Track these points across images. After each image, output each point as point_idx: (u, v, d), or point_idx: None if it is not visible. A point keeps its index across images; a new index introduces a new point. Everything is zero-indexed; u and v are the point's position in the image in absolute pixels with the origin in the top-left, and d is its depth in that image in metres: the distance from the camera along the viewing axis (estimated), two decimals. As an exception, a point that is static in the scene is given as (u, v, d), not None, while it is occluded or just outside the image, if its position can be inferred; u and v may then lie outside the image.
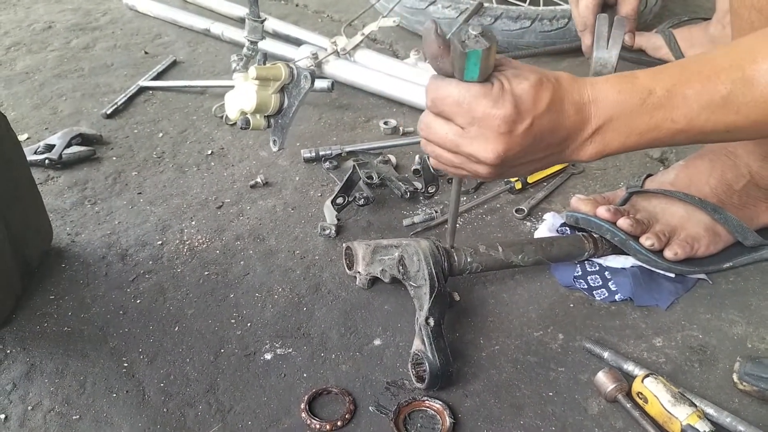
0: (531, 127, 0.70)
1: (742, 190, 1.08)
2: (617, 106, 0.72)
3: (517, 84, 0.69)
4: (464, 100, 0.69)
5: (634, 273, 1.06)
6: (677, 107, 0.71)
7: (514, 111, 0.68)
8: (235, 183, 1.35)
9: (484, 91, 0.68)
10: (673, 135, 0.73)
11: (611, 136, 0.73)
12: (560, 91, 0.72)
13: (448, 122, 0.72)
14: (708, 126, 0.71)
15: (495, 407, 0.88)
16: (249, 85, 1.15)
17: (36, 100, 1.69)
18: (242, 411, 0.88)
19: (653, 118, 0.71)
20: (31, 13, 2.24)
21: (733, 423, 0.83)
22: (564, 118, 0.72)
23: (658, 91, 0.71)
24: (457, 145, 0.72)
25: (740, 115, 0.70)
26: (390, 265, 1.00)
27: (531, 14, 1.78)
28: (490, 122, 0.69)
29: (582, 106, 0.72)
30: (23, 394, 0.91)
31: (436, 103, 0.71)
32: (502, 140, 0.70)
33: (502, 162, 0.72)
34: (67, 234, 1.21)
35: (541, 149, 0.73)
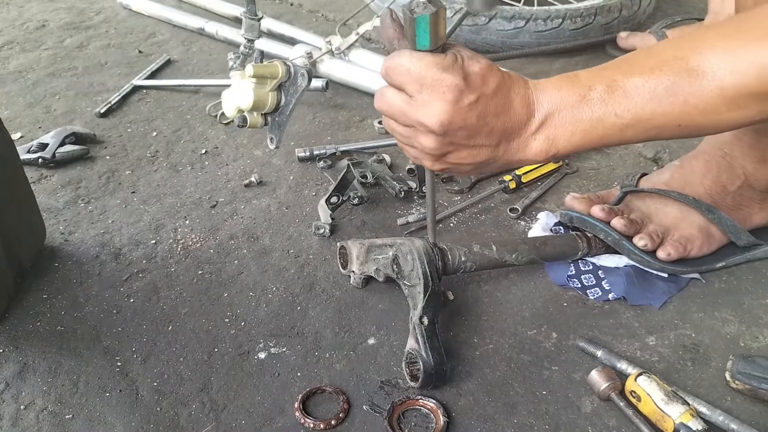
0: (476, 102, 0.70)
1: (736, 192, 1.09)
2: (559, 102, 0.72)
3: (470, 62, 0.71)
4: (415, 68, 0.70)
5: (628, 272, 1.06)
6: (619, 101, 0.70)
7: (463, 82, 0.69)
8: (229, 182, 1.35)
9: (436, 61, 0.69)
10: (621, 130, 0.72)
11: (555, 132, 0.73)
12: (508, 81, 0.73)
13: (400, 92, 0.72)
14: (656, 120, 0.71)
15: (489, 406, 0.88)
16: (246, 83, 1.14)
17: (29, 98, 1.68)
18: (236, 410, 0.88)
19: (595, 113, 0.71)
20: (25, 12, 2.23)
21: (725, 421, 0.83)
22: (510, 107, 0.72)
23: (598, 87, 0.71)
24: (405, 112, 0.72)
25: (688, 106, 0.69)
26: (384, 264, 1.00)
27: (525, 14, 1.78)
28: (438, 88, 0.69)
29: (527, 100, 0.73)
30: (16, 393, 0.91)
31: (389, 72, 0.72)
32: (447, 107, 0.70)
33: (448, 131, 0.71)
34: (61, 233, 1.21)
35: (486, 134, 0.73)
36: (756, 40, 0.66)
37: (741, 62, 0.67)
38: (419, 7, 0.67)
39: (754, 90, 0.67)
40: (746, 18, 0.69)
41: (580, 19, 1.80)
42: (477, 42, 1.84)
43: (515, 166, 0.81)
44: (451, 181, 1.34)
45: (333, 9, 2.23)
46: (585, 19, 1.81)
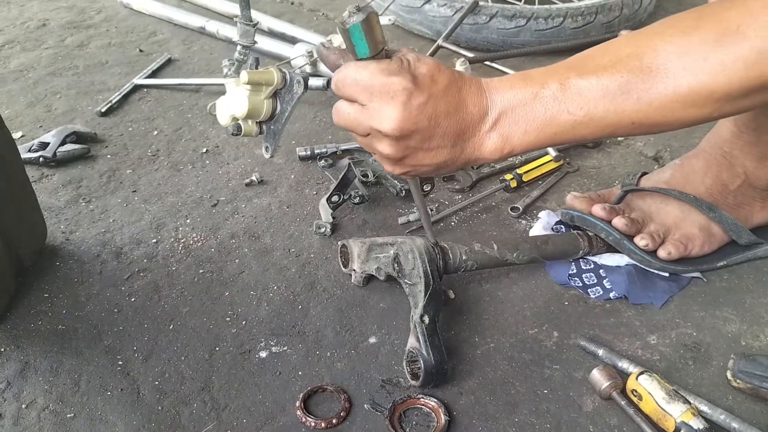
0: (427, 103, 0.70)
1: (737, 190, 1.09)
2: (511, 100, 0.72)
3: (417, 63, 0.71)
4: (361, 77, 0.70)
5: (629, 271, 1.06)
6: (572, 99, 0.70)
7: (412, 84, 0.69)
8: (230, 181, 1.35)
9: (381, 67, 0.70)
10: (575, 128, 0.72)
11: (509, 131, 0.73)
12: (459, 81, 0.73)
13: (352, 103, 0.73)
14: (609, 118, 0.70)
15: (490, 405, 0.88)
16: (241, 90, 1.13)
17: (30, 98, 1.68)
18: (237, 409, 0.88)
19: (548, 111, 0.71)
20: (25, 11, 2.23)
21: (726, 420, 0.83)
22: (461, 106, 0.72)
23: (551, 85, 0.71)
24: (360, 122, 0.73)
25: (642, 104, 0.68)
26: (385, 262, 1.00)
27: (526, 13, 1.78)
28: (387, 93, 0.70)
29: (480, 99, 0.73)
30: (17, 392, 0.91)
31: (338, 86, 0.73)
32: (399, 110, 0.70)
33: (402, 136, 0.72)
34: (62, 232, 1.21)
35: (440, 135, 0.73)
36: (714, 37, 0.65)
37: (697, 61, 0.66)
38: (350, 17, 0.67)
39: (709, 89, 0.66)
40: (708, 12, 0.67)
41: (581, 17, 1.80)
42: (478, 41, 1.84)
43: (474, 164, 0.81)
44: (452, 180, 1.33)
45: (334, 8, 2.23)
46: (586, 18, 1.81)
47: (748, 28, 0.63)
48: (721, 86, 0.65)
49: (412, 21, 1.94)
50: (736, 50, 0.64)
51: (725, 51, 0.65)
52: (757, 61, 0.64)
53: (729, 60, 0.64)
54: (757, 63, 0.64)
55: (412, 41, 1.92)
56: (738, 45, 0.64)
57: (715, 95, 0.66)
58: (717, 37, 0.65)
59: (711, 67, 0.65)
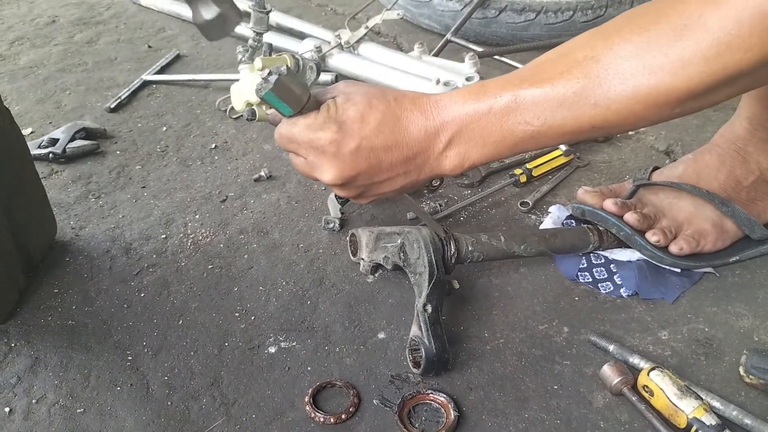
0: (359, 148, 0.72)
1: (750, 186, 1.08)
2: (465, 117, 0.71)
3: (344, 110, 0.72)
4: (293, 135, 0.74)
5: (640, 266, 1.05)
6: (527, 109, 0.68)
7: (338, 134, 0.71)
8: (238, 177, 1.35)
9: (308, 122, 0.73)
10: (534, 137, 0.70)
11: (466, 147, 0.72)
12: (396, 111, 0.72)
13: (297, 156, 0.77)
14: (568, 125, 0.68)
15: (500, 400, 0.88)
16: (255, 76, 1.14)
17: (40, 94, 1.69)
18: (246, 404, 0.88)
19: (505, 124, 0.70)
20: (35, 8, 2.24)
21: (739, 416, 0.82)
22: (402, 136, 0.72)
23: (505, 97, 0.69)
24: (308, 173, 0.77)
25: (601, 108, 0.65)
26: (392, 252, 0.99)
27: (536, 6, 1.77)
28: (318, 147, 0.73)
29: (425, 122, 0.72)
30: (27, 388, 0.91)
31: (280, 143, 0.78)
32: (333, 163, 0.73)
33: (346, 182, 0.75)
34: (71, 228, 1.22)
35: (386, 168, 0.74)
36: (673, 32, 0.61)
37: (656, 58, 0.62)
38: (263, 85, 0.71)
39: (669, 88, 0.62)
40: (668, 3, 0.63)
41: (591, 11, 1.79)
42: (487, 35, 1.83)
43: (440, 177, 0.82)
44: (461, 175, 1.32)
45: (342, 3, 2.22)
46: (596, 11, 1.79)
47: (709, 18, 0.59)
48: (681, 83, 0.62)
49: (420, 15, 1.93)
50: (695, 44, 0.60)
51: (684, 46, 0.61)
52: (718, 54, 0.60)
53: (688, 55, 0.60)
54: (718, 56, 0.60)
55: (421, 36, 1.91)
56: (697, 38, 0.60)
57: (675, 93, 0.63)
58: (676, 31, 0.61)
59: (670, 64, 0.61)
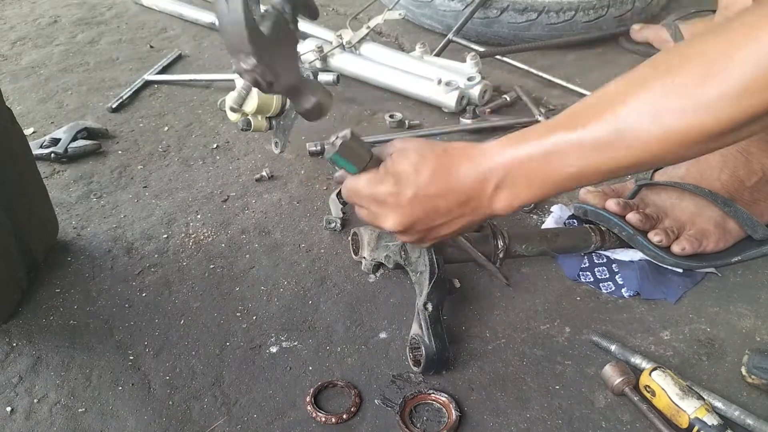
0: (416, 196, 0.78)
1: (753, 187, 1.07)
2: (508, 163, 0.76)
3: (399, 163, 0.79)
4: (358, 189, 0.82)
5: (642, 266, 1.05)
6: (566, 153, 0.72)
7: (396, 186, 0.79)
8: (240, 176, 1.35)
9: (369, 177, 0.81)
10: (575, 178, 0.74)
11: (514, 189, 0.77)
12: (447, 162, 0.79)
13: (361, 207, 0.85)
14: (606, 165, 0.71)
15: (501, 400, 0.88)
16: None
17: (42, 94, 1.69)
18: (248, 404, 0.88)
19: (549, 166, 0.74)
20: (37, 8, 2.24)
21: (741, 416, 0.82)
22: (454, 183, 0.78)
23: (543, 143, 0.73)
24: (372, 222, 0.84)
25: (635, 149, 0.69)
26: (394, 251, 1.00)
27: (538, 6, 1.77)
28: (379, 199, 0.80)
29: (475, 168, 0.77)
30: (29, 387, 0.91)
31: (346, 197, 0.85)
32: (393, 212, 0.80)
33: (407, 229, 0.81)
34: (73, 227, 1.22)
35: (443, 213, 0.80)
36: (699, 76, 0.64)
37: (684, 101, 0.64)
38: (330, 147, 0.81)
39: (700, 129, 0.65)
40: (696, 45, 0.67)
41: (593, 11, 1.79)
42: (488, 35, 1.83)
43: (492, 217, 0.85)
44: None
45: (343, 3, 2.22)
46: (598, 11, 1.79)
47: (731, 61, 0.62)
48: (710, 125, 0.64)
49: (422, 15, 1.93)
50: (721, 87, 0.62)
51: (710, 87, 0.63)
52: (744, 94, 0.62)
53: (714, 98, 0.63)
54: (744, 96, 0.62)
55: (423, 36, 1.91)
56: (723, 81, 0.62)
57: (706, 132, 0.65)
58: (701, 73, 0.64)
59: (699, 106, 0.64)
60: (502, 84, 1.64)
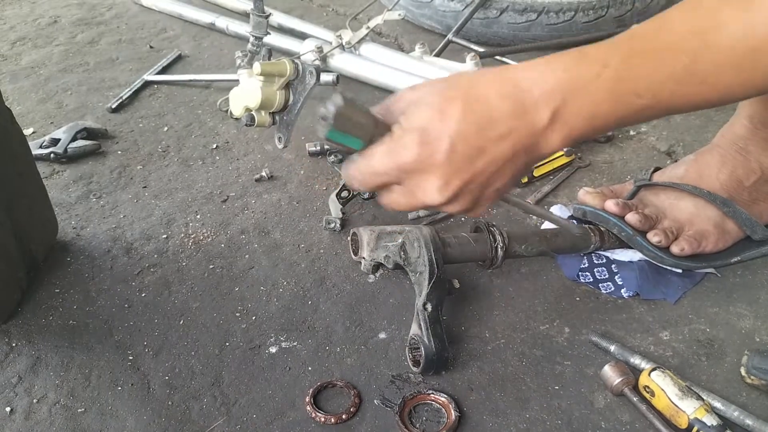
0: (453, 147, 0.62)
1: (752, 186, 1.07)
2: (568, 84, 0.62)
3: (418, 115, 0.63)
4: (374, 167, 0.64)
5: (641, 267, 1.05)
6: (638, 80, 0.62)
7: (423, 145, 0.62)
8: (240, 177, 1.35)
9: (384, 148, 0.63)
10: (642, 111, 0.64)
11: (573, 120, 0.64)
12: (476, 92, 0.63)
13: (389, 190, 0.67)
14: (675, 99, 0.63)
15: (500, 401, 0.88)
16: (254, 81, 1.14)
17: (41, 94, 1.69)
18: (247, 404, 0.88)
19: (614, 93, 0.62)
20: (37, 8, 2.24)
21: (740, 417, 0.82)
22: (498, 115, 0.63)
23: (613, 63, 0.62)
24: (410, 204, 0.67)
25: (706, 86, 0.62)
26: (393, 251, 0.99)
27: (537, 7, 1.77)
28: (407, 167, 0.63)
29: (522, 96, 0.63)
30: (28, 387, 0.91)
31: (364, 183, 0.67)
32: (433, 176, 0.63)
33: (457, 193, 0.65)
34: (73, 228, 1.22)
35: (491, 159, 0.64)
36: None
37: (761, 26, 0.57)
38: (323, 123, 0.61)
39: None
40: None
41: (592, 11, 1.79)
42: (488, 35, 1.83)
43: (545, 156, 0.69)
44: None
45: (343, 3, 2.23)
46: (597, 12, 1.79)
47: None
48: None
49: (422, 16, 1.93)
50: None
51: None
52: None
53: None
54: None
55: (422, 36, 1.91)
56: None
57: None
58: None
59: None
60: (501, 84, 1.64)
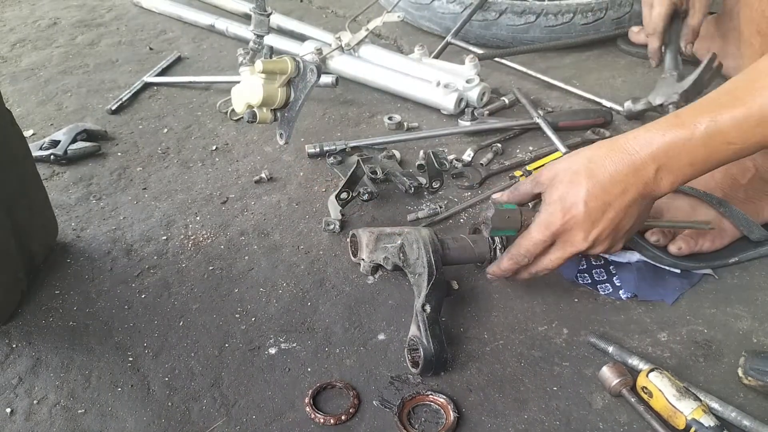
0: (587, 206, 0.83)
1: (747, 185, 1.08)
2: (667, 148, 0.80)
3: (555, 190, 0.85)
4: (533, 241, 0.87)
5: (639, 268, 1.06)
6: (728, 131, 0.76)
7: (565, 211, 0.83)
8: (239, 178, 1.36)
9: (535, 226, 0.87)
10: (737, 153, 0.78)
11: (676, 169, 0.81)
12: (598, 163, 0.83)
13: (545, 255, 0.89)
14: (766, 141, 0.76)
15: (499, 401, 0.88)
16: (255, 78, 1.15)
17: (41, 96, 1.69)
18: (247, 405, 0.88)
19: (708, 146, 0.78)
20: (37, 10, 2.25)
21: (738, 418, 0.83)
22: (616, 176, 0.82)
23: (703, 123, 0.77)
24: (563, 257, 0.89)
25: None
26: (392, 252, 1.00)
27: (536, 9, 1.77)
28: (556, 230, 0.85)
29: (632, 159, 0.82)
30: (29, 388, 0.91)
31: (529, 253, 0.89)
32: (576, 230, 0.85)
33: (597, 239, 0.86)
34: (73, 229, 1.22)
35: (617, 208, 0.84)
36: None
37: None
38: (484, 227, 0.91)
39: None
40: None
41: (591, 13, 1.79)
42: (487, 37, 1.83)
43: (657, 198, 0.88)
44: (461, 177, 1.33)
45: (343, 5, 2.23)
46: (596, 14, 1.80)
47: None
48: None
49: (421, 18, 1.94)
50: None
51: None
52: None
53: None
54: None
55: (421, 38, 1.91)
56: None
57: None
58: None
59: None
60: (500, 86, 1.65)
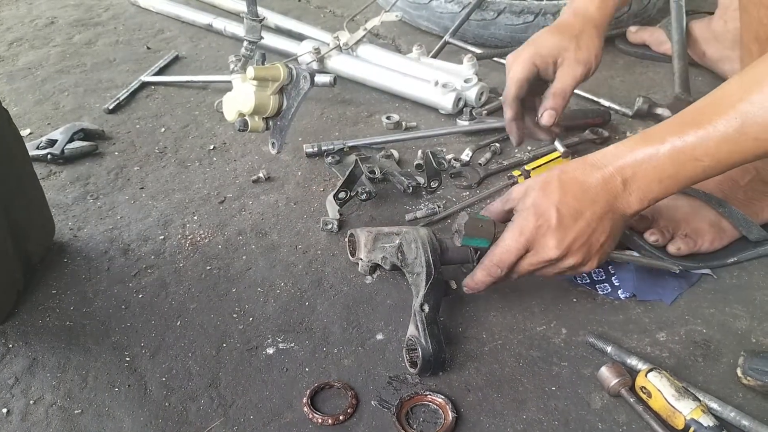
0: (560, 213, 0.83)
1: (747, 186, 1.08)
2: (634, 163, 0.82)
3: (528, 199, 0.86)
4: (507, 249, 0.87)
5: (638, 267, 1.05)
6: (694, 148, 0.77)
7: (538, 217, 0.84)
8: (237, 178, 1.35)
9: (508, 235, 0.87)
10: (705, 171, 0.79)
11: (645, 185, 0.82)
12: (570, 175, 0.85)
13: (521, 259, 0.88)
14: (734, 157, 0.76)
15: (497, 402, 0.88)
16: (247, 86, 1.13)
17: (38, 95, 1.69)
18: (244, 405, 0.88)
19: (676, 162, 0.79)
20: (34, 9, 2.24)
21: (737, 417, 0.83)
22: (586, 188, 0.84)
23: (669, 139, 0.79)
24: (538, 263, 0.87)
25: (762, 141, 0.73)
26: (390, 252, 1.00)
27: (534, 9, 1.77)
28: (530, 238, 0.85)
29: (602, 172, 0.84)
30: (25, 388, 0.91)
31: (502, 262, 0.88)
32: (549, 237, 0.84)
33: (570, 248, 0.85)
34: (70, 229, 1.21)
35: (589, 218, 0.84)
36: None
37: None
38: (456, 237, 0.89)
39: None
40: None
41: (589, 13, 1.79)
42: (485, 37, 1.83)
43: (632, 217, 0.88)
44: (459, 176, 1.33)
45: (341, 5, 2.23)
46: (594, 14, 1.79)
47: None
48: None
49: (419, 17, 1.93)
50: None
51: None
52: None
53: None
54: None
55: (419, 37, 1.91)
56: None
57: None
58: None
59: None
60: (499, 86, 1.65)
